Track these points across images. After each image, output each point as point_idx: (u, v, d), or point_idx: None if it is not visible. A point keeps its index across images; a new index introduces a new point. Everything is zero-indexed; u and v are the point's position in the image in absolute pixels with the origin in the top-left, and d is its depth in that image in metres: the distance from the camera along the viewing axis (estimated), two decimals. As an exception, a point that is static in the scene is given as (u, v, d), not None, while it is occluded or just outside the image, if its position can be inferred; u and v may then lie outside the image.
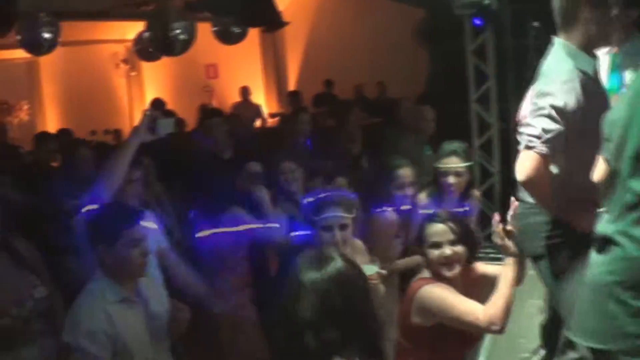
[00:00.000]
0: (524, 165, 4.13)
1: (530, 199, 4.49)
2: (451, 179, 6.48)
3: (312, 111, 13.83)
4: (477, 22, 10.99)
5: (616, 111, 3.40)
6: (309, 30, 17.89)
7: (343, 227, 5.04)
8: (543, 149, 4.06)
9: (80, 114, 16.52)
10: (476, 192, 6.91)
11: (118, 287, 4.34)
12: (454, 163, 6.49)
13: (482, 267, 4.85)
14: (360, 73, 16.47)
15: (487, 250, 10.60)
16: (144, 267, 4.45)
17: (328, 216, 5.02)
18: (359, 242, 5.54)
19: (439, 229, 4.59)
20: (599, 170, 3.64)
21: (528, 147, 4.11)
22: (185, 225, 6.52)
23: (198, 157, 7.80)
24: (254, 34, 14.62)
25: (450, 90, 12.74)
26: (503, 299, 4.18)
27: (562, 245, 4.40)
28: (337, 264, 3.15)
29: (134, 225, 4.43)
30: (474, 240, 4.84)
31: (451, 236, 4.55)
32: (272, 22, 11.92)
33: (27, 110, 17.80)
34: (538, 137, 4.06)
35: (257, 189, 6.35)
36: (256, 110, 16.68)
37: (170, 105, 13.25)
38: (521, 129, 4.23)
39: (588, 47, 4.35)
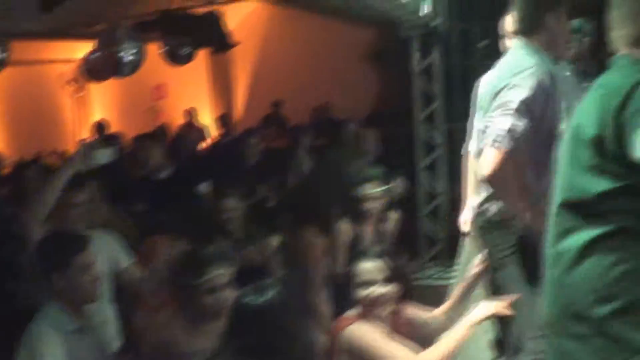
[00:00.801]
0: (490, 161, 4.13)
1: (488, 214, 4.56)
2: (369, 205, 6.54)
3: (259, 133, 13.91)
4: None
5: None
6: (258, 51, 17.91)
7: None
8: (508, 144, 4.07)
9: (26, 135, 16.41)
10: (393, 215, 6.95)
11: (72, 315, 4.32)
12: (371, 189, 6.53)
13: (412, 311, 4.72)
14: (308, 94, 16.51)
15: (431, 272, 10.76)
16: (95, 292, 4.46)
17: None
18: None
19: (370, 267, 4.42)
20: None
21: (494, 143, 4.11)
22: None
23: (134, 179, 7.84)
24: (202, 54, 14.62)
25: (398, 111, 12.83)
26: (446, 350, 4.08)
27: (519, 256, 4.44)
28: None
29: (84, 250, 4.43)
30: (407, 278, 4.73)
31: (383, 274, 4.39)
32: (221, 43, 11.94)
33: (-27, 131, 17.64)
34: (505, 133, 4.08)
35: None
36: (201, 132, 16.65)
37: (117, 126, 13.25)
38: (487, 124, 4.26)
39: (548, 53, 4.46)
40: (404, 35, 10.90)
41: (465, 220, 5.38)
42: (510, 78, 4.25)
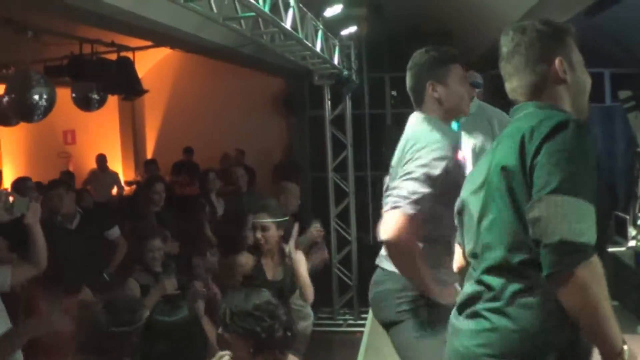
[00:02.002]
0: (389, 224, 4.11)
1: (387, 266, 4.52)
2: (258, 234, 6.63)
3: (170, 179, 13.86)
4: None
5: (466, 194, 3.38)
6: (168, 97, 17.89)
7: None
8: (409, 208, 4.08)
9: None
10: (289, 246, 6.99)
11: None
12: (262, 218, 6.62)
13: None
14: (219, 140, 16.55)
15: (344, 318, 10.83)
16: None
17: None
18: None
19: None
20: (457, 259, 3.66)
21: (394, 208, 4.11)
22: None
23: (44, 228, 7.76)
24: (113, 100, 14.53)
25: (310, 158, 12.94)
26: None
27: (419, 309, 4.41)
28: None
29: None
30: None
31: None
32: (131, 89, 11.90)
33: None
34: (405, 198, 4.10)
35: None
36: (113, 178, 16.52)
37: (25, 172, 13.05)
38: (387, 192, 4.27)
39: (445, 118, 4.58)
40: (317, 84, 11.02)
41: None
42: (412, 151, 4.30)
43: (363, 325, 7.58)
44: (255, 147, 16.05)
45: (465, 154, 5.26)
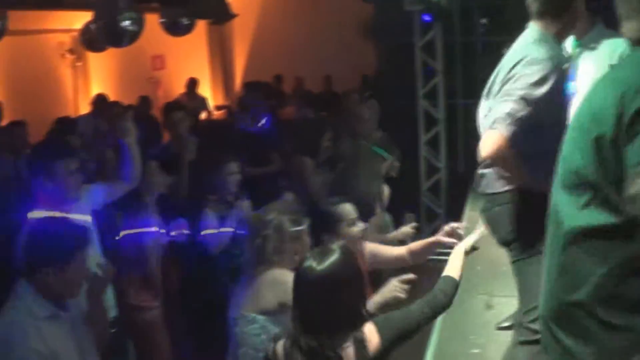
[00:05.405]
0: (488, 143, 4.14)
1: (489, 190, 4.55)
2: None
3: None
4: (426, 18, 11.04)
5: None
6: (257, 23, 17.82)
7: None
8: (508, 129, 4.07)
9: (25, 104, 16.30)
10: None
11: (47, 302, 3.95)
12: None
13: (373, 246, 5.36)
14: (307, 66, 16.44)
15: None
16: (81, 288, 4.13)
17: None
18: None
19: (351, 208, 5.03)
20: None
21: (493, 127, 4.11)
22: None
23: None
24: (201, 25, 14.56)
25: (398, 85, 12.79)
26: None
27: (524, 229, 4.40)
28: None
29: (86, 246, 4.12)
30: None
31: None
32: (220, 14, 11.87)
33: (-31, 99, 17.52)
34: (504, 119, 4.08)
35: None
36: (202, 103, 16.58)
37: (115, 97, 13.16)
38: (490, 108, 4.26)
39: (561, 37, 4.45)
40: (406, 10, 10.82)
41: None
42: (517, 68, 4.22)
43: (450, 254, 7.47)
44: (344, 74, 15.90)
45: (579, 80, 5.18)
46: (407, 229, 6.42)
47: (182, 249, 6.61)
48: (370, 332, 3.54)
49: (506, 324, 5.68)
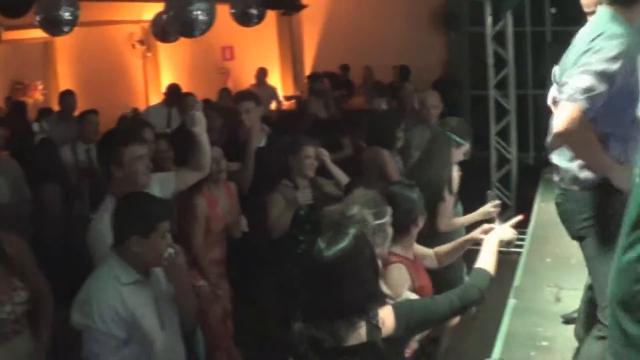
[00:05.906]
0: (563, 116, 3.99)
1: (564, 185, 4.50)
2: None
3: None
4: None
5: None
6: (326, 13, 17.81)
7: None
8: (584, 103, 3.93)
9: (96, 94, 16.49)
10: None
11: (132, 270, 4.31)
12: None
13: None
14: (376, 57, 16.39)
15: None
16: (162, 258, 4.39)
17: None
18: None
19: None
20: None
21: (569, 100, 3.98)
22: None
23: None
24: (271, 16, 14.56)
25: (469, 75, 12.72)
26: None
27: (598, 225, 4.34)
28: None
29: (167, 218, 4.41)
30: None
31: None
32: (290, 4, 11.89)
33: (41, 91, 17.70)
34: (582, 92, 3.94)
35: None
36: (272, 93, 16.63)
37: (186, 87, 13.23)
38: (565, 81, 4.15)
39: (631, 23, 4.30)
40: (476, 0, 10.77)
41: None
42: (596, 41, 4.10)
43: (521, 247, 7.43)
44: (414, 63, 15.80)
45: None
46: (487, 207, 6.32)
47: (246, 233, 6.59)
48: (387, 315, 3.50)
49: (573, 317, 5.62)
